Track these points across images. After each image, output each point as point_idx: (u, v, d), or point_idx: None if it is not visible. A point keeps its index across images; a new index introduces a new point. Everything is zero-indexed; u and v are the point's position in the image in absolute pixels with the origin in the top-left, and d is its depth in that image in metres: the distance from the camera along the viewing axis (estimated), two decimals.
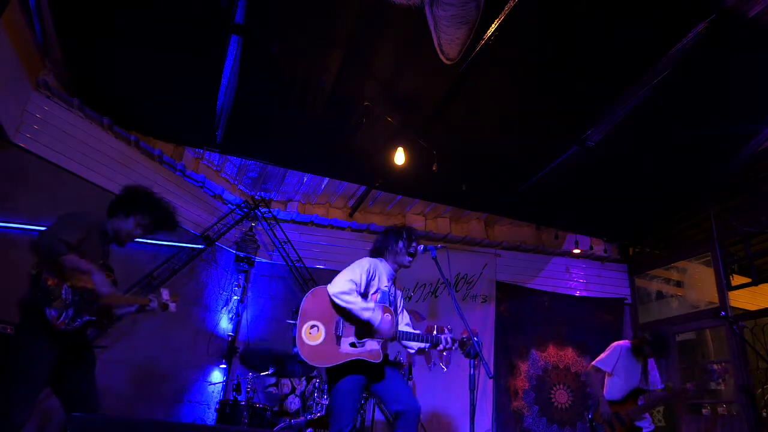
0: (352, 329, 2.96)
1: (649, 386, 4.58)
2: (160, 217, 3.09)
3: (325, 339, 2.90)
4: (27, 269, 2.70)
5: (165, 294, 3.24)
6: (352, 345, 2.92)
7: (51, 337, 2.62)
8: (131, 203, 3.02)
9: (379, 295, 3.07)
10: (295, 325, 3.03)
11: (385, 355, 3.00)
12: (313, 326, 2.92)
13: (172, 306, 3.24)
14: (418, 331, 3.05)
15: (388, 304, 3.07)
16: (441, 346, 2.99)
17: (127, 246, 3.11)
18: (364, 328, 2.96)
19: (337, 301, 2.91)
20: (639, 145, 5.27)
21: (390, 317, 2.97)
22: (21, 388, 2.55)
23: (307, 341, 2.88)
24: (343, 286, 2.91)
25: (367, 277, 3.03)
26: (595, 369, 4.66)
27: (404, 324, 3.24)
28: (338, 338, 2.92)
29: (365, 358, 2.88)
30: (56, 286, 2.62)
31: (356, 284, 2.95)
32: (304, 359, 2.86)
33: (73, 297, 2.67)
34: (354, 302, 2.87)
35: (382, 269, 3.17)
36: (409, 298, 6.86)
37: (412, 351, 3.11)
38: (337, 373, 2.89)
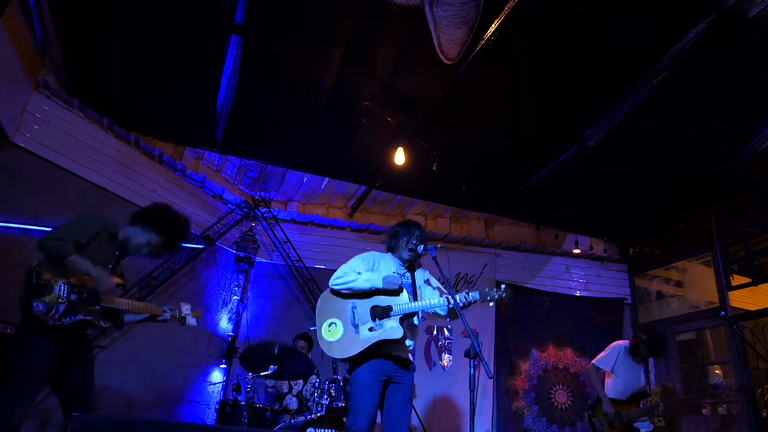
0: (367, 313, 2.99)
1: (651, 387, 4.59)
2: (172, 242, 3.10)
3: (344, 332, 2.98)
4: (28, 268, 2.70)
5: (185, 308, 3.25)
6: (371, 329, 2.96)
7: (46, 334, 2.61)
8: (156, 220, 3.03)
9: None
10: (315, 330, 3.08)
11: (401, 356, 3.00)
12: (331, 323, 3.01)
13: (192, 320, 3.24)
14: (441, 301, 3.01)
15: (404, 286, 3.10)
16: (461, 304, 2.91)
17: None
18: (377, 308, 2.98)
19: (337, 288, 3.03)
20: (639, 145, 5.27)
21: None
22: (17, 386, 2.55)
23: (328, 339, 2.98)
24: (337, 273, 3.04)
25: (366, 266, 3.11)
26: (595, 368, 4.67)
27: (431, 298, 3.17)
28: (356, 327, 2.97)
29: (386, 337, 2.91)
30: (50, 281, 2.62)
31: (353, 270, 3.04)
32: (330, 355, 2.97)
33: (69, 294, 2.67)
34: (351, 279, 2.98)
35: (388, 260, 3.20)
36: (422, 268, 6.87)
37: (443, 313, 3.06)
38: (356, 363, 2.97)
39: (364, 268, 3.09)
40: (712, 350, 6.94)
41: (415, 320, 3.14)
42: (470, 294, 2.95)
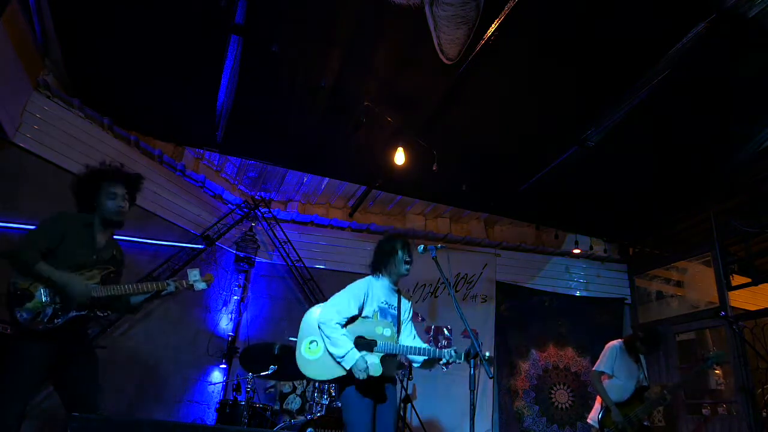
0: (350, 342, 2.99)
1: (648, 383, 4.58)
2: (120, 176, 2.98)
3: (324, 353, 2.94)
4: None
5: (193, 274, 3.02)
6: None
7: (35, 339, 2.61)
8: (86, 185, 2.95)
9: (378, 314, 3.09)
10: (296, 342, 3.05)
11: (386, 375, 2.99)
12: (312, 341, 2.98)
13: (201, 285, 3.00)
14: (422, 346, 3.04)
15: (390, 319, 3.09)
16: (443, 361, 2.95)
17: (125, 246, 3.11)
18: (362, 340, 2.98)
19: (320, 330, 2.96)
20: (639, 145, 5.27)
21: (365, 362, 2.90)
22: (10, 387, 2.55)
23: (306, 356, 2.94)
24: (327, 316, 2.94)
25: (359, 302, 3.05)
26: (598, 374, 4.62)
27: (411, 336, 3.23)
28: None
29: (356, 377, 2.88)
30: (28, 289, 2.62)
31: (342, 314, 2.97)
32: (304, 373, 2.91)
33: (52, 296, 2.66)
34: (330, 337, 2.89)
35: (378, 287, 3.16)
36: (409, 299, 6.88)
37: (417, 365, 3.11)
38: (344, 382, 2.93)
39: (359, 303, 3.03)
40: (712, 350, 6.94)
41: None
42: (454, 354, 2.90)
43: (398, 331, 3.13)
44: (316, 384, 4.56)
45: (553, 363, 7.12)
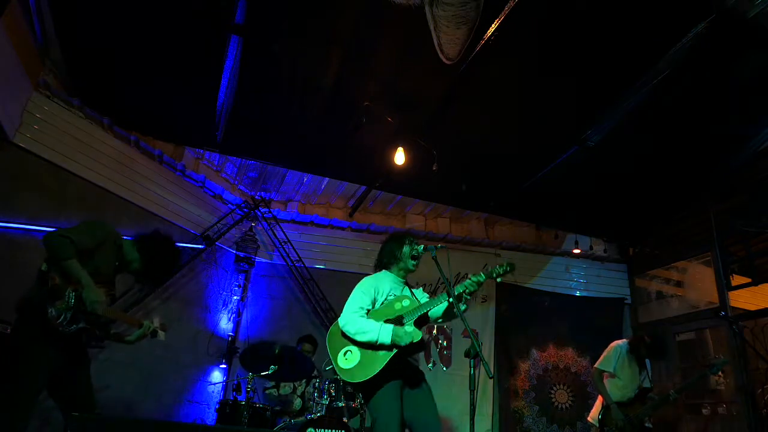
0: None
1: (651, 384, 4.57)
2: (149, 271, 3.13)
3: (361, 355, 2.93)
4: (32, 267, 2.70)
5: (156, 321, 3.29)
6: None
7: (50, 337, 2.61)
8: (147, 245, 3.07)
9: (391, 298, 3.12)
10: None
11: (416, 368, 3.06)
12: (346, 351, 2.96)
13: (161, 333, 3.26)
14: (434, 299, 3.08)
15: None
16: (457, 293, 2.96)
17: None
18: (389, 322, 2.97)
19: (346, 332, 2.97)
20: (639, 145, 5.27)
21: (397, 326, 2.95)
22: (22, 390, 2.54)
23: (345, 366, 2.92)
24: (347, 317, 2.98)
25: (371, 296, 3.07)
26: (599, 372, 4.61)
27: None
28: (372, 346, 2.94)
29: (405, 342, 2.86)
30: (60, 287, 2.62)
31: (362, 308, 3.00)
32: (352, 381, 2.88)
33: (75, 301, 2.67)
34: (355, 333, 2.92)
35: (385, 280, 3.18)
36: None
37: (441, 320, 3.18)
38: (371, 386, 2.87)
39: (369, 303, 3.05)
40: (712, 350, 6.94)
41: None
42: (473, 276, 2.95)
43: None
44: (316, 383, 4.56)
45: (553, 363, 7.11)
